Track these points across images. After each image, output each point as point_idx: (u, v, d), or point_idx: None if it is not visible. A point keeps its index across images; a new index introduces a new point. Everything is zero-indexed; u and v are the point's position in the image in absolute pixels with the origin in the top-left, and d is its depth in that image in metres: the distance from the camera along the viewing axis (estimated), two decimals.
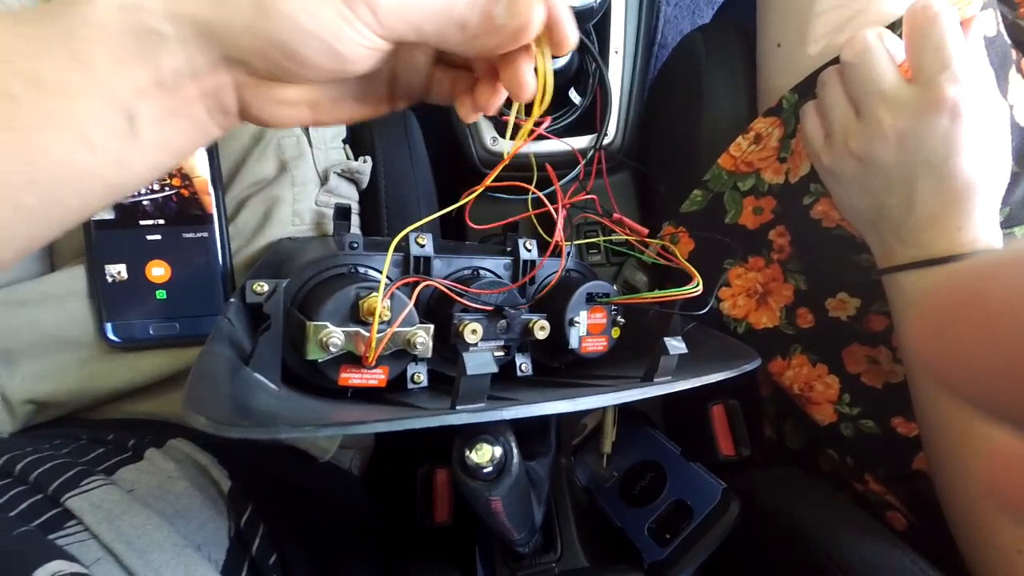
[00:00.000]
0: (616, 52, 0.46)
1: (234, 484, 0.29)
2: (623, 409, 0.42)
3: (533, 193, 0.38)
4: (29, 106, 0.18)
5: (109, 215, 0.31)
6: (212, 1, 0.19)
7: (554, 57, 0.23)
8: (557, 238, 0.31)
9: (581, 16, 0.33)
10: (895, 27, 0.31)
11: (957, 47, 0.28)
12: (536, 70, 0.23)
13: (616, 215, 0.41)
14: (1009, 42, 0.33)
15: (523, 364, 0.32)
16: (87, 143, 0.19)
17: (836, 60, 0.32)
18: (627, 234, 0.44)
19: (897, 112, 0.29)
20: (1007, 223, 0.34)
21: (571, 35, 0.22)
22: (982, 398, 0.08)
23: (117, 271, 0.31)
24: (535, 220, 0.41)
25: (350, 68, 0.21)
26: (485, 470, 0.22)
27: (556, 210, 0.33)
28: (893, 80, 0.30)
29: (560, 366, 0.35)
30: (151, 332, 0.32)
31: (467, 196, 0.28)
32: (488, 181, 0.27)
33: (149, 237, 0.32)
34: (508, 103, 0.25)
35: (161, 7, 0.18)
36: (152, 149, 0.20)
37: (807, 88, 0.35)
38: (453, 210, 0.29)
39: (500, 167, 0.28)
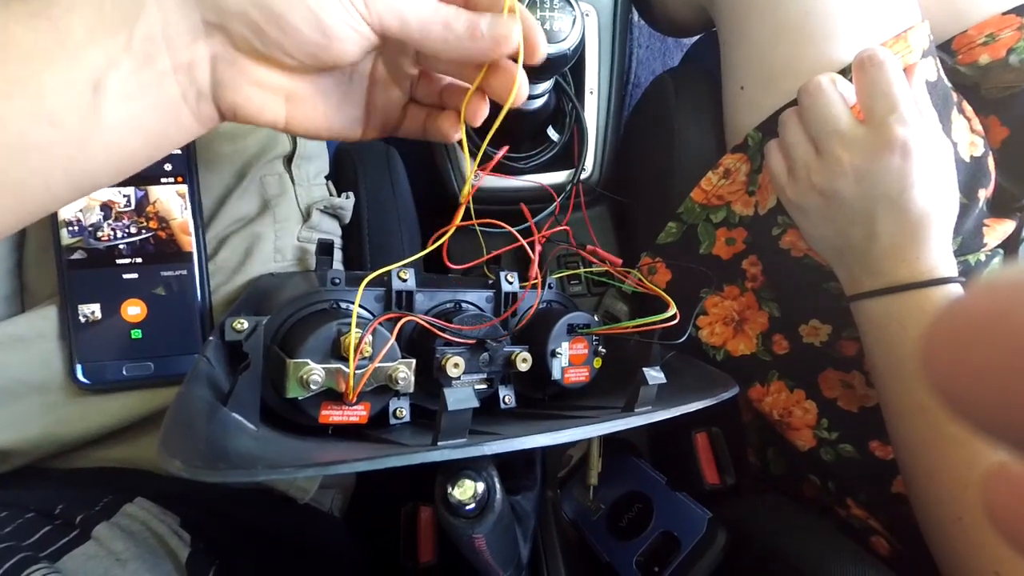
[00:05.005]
0: (591, 92, 0.48)
1: (194, 550, 0.27)
2: (608, 439, 0.42)
3: (513, 227, 0.39)
4: None
5: (84, 255, 0.31)
6: None
7: (529, 73, 0.25)
8: (532, 275, 0.32)
9: (556, 62, 0.34)
10: (846, 72, 0.33)
11: (903, 91, 0.30)
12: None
13: (590, 247, 0.42)
14: (950, 85, 0.36)
15: (506, 396, 0.32)
16: (48, 115, 0.18)
17: (795, 102, 0.35)
18: (602, 264, 0.46)
19: (853, 150, 0.31)
20: (960, 251, 0.36)
21: (542, 50, 0.24)
22: (995, 422, 0.08)
23: (91, 311, 0.31)
24: (515, 253, 0.42)
25: (333, 49, 0.21)
26: (468, 507, 0.21)
27: (531, 246, 0.34)
28: (847, 120, 0.32)
29: (543, 397, 0.35)
30: (124, 373, 0.31)
31: (435, 240, 0.29)
32: (456, 221, 0.28)
33: (125, 276, 0.31)
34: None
35: None
36: (117, 129, 0.19)
37: (770, 127, 0.37)
38: (429, 251, 0.30)
39: (462, 208, 0.29)
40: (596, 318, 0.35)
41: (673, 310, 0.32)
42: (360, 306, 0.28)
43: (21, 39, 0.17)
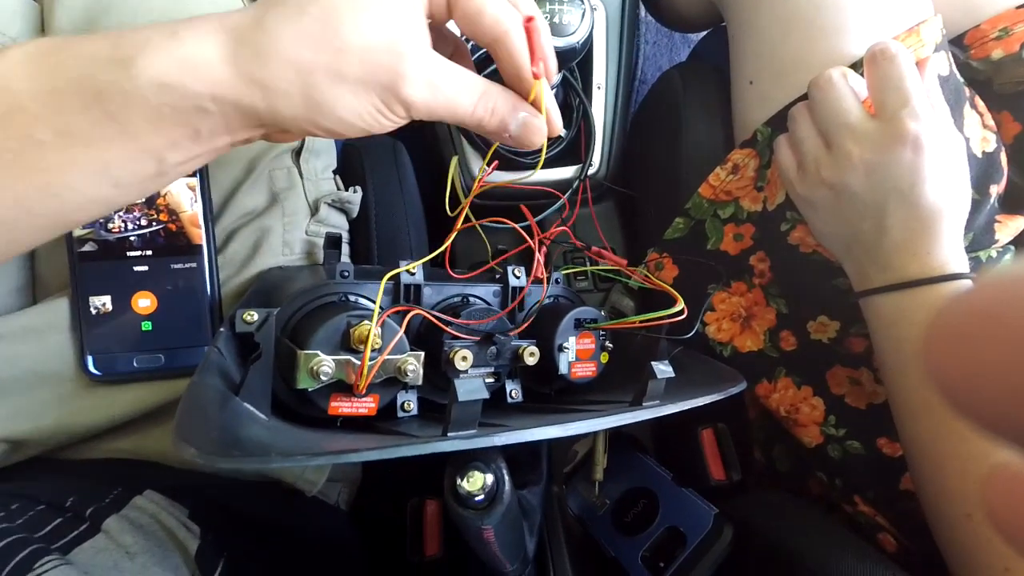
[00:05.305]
0: (599, 87, 0.48)
1: (203, 542, 0.27)
2: (614, 435, 0.42)
3: (518, 224, 0.39)
4: (56, 151, 0.19)
5: (95, 247, 0.31)
6: (263, 93, 0.20)
7: None
8: (537, 273, 0.32)
9: (564, 56, 0.34)
10: (857, 67, 0.33)
11: (915, 85, 0.30)
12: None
13: (595, 248, 0.42)
14: (962, 80, 0.36)
15: (513, 391, 0.32)
16: (115, 183, 0.20)
17: (804, 96, 0.34)
18: (608, 264, 0.46)
19: (864, 144, 0.31)
20: (971, 248, 0.36)
21: (559, 132, 0.27)
22: (996, 420, 0.08)
23: (102, 303, 0.31)
24: (520, 248, 0.42)
25: (374, 133, 0.24)
26: (477, 498, 0.21)
27: (535, 245, 0.34)
28: (858, 114, 0.31)
29: (550, 392, 0.35)
30: (135, 364, 0.31)
31: (446, 242, 0.29)
32: (458, 226, 0.28)
33: (136, 268, 0.32)
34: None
35: (207, 91, 0.20)
36: (174, 180, 0.23)
37: (779, 122, 0.37)
38: (438, 255, 0.30)
39: (461, 217, 0.29)
40: (603, 313, 0.34)
41: (680, 305, 0.32)
42: (369, 299, 0.28)
43: (77, 127, 0.19)
